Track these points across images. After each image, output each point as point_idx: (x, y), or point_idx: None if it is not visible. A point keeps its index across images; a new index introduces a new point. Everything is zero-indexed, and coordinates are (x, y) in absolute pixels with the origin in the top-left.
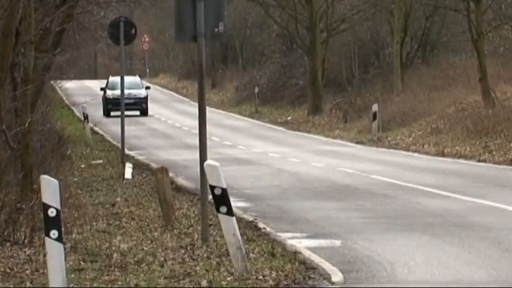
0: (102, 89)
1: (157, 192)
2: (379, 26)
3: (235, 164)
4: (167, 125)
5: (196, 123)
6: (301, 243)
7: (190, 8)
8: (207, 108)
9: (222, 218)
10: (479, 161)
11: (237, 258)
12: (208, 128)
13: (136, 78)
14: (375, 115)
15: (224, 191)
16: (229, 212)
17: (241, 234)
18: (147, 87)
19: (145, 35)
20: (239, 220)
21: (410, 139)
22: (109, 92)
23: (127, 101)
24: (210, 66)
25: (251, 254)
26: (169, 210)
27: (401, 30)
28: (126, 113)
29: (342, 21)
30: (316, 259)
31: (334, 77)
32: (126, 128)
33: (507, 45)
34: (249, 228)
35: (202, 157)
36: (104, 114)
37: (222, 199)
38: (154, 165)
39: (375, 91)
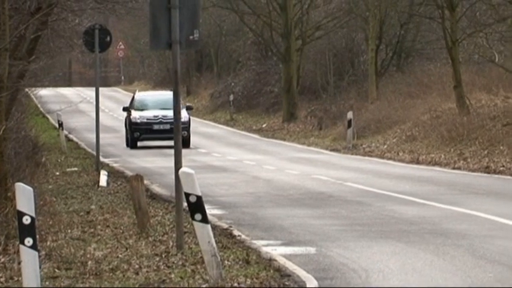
0: (125, 109)
1: (132, 199)
2: (354, 33)
3: (210, 172)
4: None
5: None
6: (276, 251)
7: (165, 16)
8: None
9: (197, 225)
10: (454, 168)
11: (212, 265)
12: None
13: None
14: (349, 122)
15: (199, 198)
16: (204, 220)
17: (216, 242)
18: (189, 108)
19: (120, 43)
20: (214, 227)
21: (385, 146)
22: (136, 114)
23: (160, 126)
24: (185, 73)
25: (226, 262)
26: (144, 218)
27: (376, 37)
28: (159, 143)
29: (317, 29)
30: (291, 266)
31: (309, 84)
32: (101, 135)
33: (481, 53)
34: (223, 235)
35: (177, 164)
36: (127, 144)
37: (197, 206)
38: (129, 173)
39: (349, 98)
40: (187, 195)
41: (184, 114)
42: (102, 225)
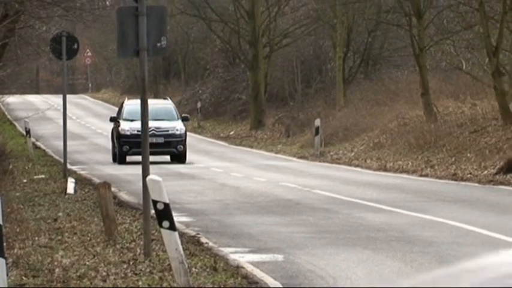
0: (112, 119)
1: (99, 207)
2: (322, 41)
3: (177, 179)
4: (109, 140)
5: None
6: (244, 258)
7: (133, 23)
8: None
9: (165, 232)
10: (421, 175)
11: (179, 272)
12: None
13: (167, 104)
14: (317, 130)
15: (166, 205)
16: (172, 227)
17: (183, 249)
18: (186, 118)
19: (88, 50)
20: (181, 235)
21: (353, 154)
22: (125, 126)
23: (153, 139)
24: (152, 81)
25: (193, 269)
26: (112, 225)
27: (343, 45)
28: (152, 158)
29: (285, 36)
30: (259, 273)
31: (276, 91)
32: (68, 142)
33: (449, 60)
34: (191, 243)
35: (145, 172)
36: (114, 159)
37: (164, 214)
38: (96, 180)
39: (317, 106)
40: (155, 202)
41: (179, 126)
42: (70, 232)
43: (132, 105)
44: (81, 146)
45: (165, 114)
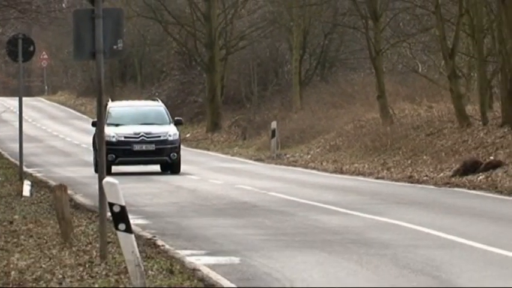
0: (95, 124)
1: (55, 209)
2: (278, 43)
3: (134, 181)
4: (66, 142)
5: None
6: (200, 260)
7: (89, 26)
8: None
9: (121, 235)
10: (377, 178)
11: (135, 275)
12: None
13: (157, 106)
14: (273, 132)
15: (123, 208)
16: (128, 229)
17: (140, 252)
18: (178, 122)
19: (44, 52)
20: (138, 237)
21: (309, 156)
22: (110, 131)
23: (142, 146)
24: (108, 83)
25: (150, 271)
26: (68, 228)
27: (300, 47)
28: (142, 168)
29: (241, 39)
30: (215, 276)
31: (233, 94)
32: (24, 145)
33: (405, 63)
34: (147, 245)
35: (101, 174)
36: (97, 169)
37: (120, 216)
38: (52, 183)
39: (273, 108)
40: (111, 205)
41: (172, 131)
42: (26, 235)
43: (117, 107)
44: (37, 148)
45: (155, 117)
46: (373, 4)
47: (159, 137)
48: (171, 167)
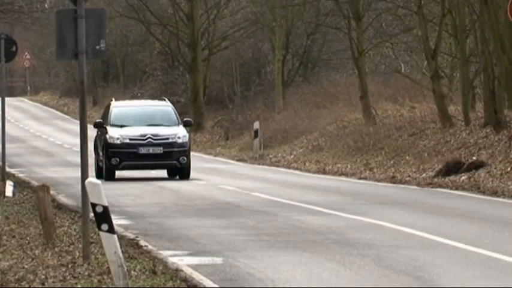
0: (97, 125)
1: (38, 210)
2: (261, 43)
3: (117, 182)
4: (48, 142)
5: (77, 140)
6: (183, 261)
7: (72, 26)
8: (89, 125)
9: (104, 235)
10: (360, 178)
11: (118, 276)
12: (90, 145)
13: (165, 106)
14: (256, 133)
15: (105, 208)
16: (111, 230)
17: (122, 252)
18: (187, 123)
19: (26, 52)
20: (120, 238)
21: (292, 156)
22: (113, 133)
23: (149, 149)
24: (91, 83)
25: (132, 272)
26: (51, 228)
27: (282, 47)
28: (147, 174)
29: (224, 39)
30: (198, 276)
31: (215, 94)
32: (6, 145)
33: (388, 63)
34: (130, 246)
35: (84, 175)
36: (98, 175)
37: (103, 217)
38: (35, 183)
39: (256, 109)
40: (94, 205)
41: (182, 133)
42: (8, 235)
43: (121, 107)
44: (19, 148)
45: (163, 118)
46: (356, 4)
47: (167, 139)
48: (180, 172)
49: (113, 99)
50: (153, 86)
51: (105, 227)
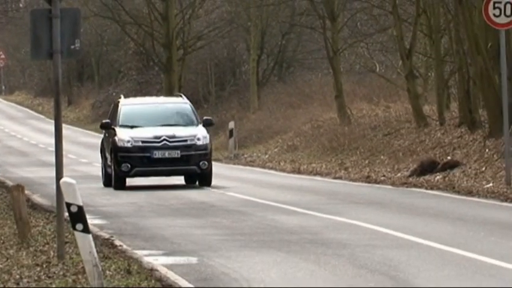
0: (104, 125)
1: (13, 210)
2: (236, 43)
3: (91, 182)
4: (23, 142)
5: (52, 140)
6: (158, 261)
7: (46, 25)
8: (64, 125)
9: (78, 235)
10: (335, 178)
11: (93, 275)
12: (65, 145)
13: (182, 103)
14: (231, 132)
15: (80, 208)
16: (86, 230)
17: (97, 252)
18: (208, 122)
19: (1, 52)
20: (95, 237)
21: (267, 156)
22: (123, 135)
23: (165, 153)
24: (66, 83)
25: (107, 272)
26: (25, 228)
27: (257, 47)
28: (162, 181)
29: (199, 39)
30: (173, 276)
31: (190, 94)
32: None
33: (363, 63)
34: (105, 245)
35: (59, 174)
36: (106, 183)
37: (78, 216)
38: (10, 183)
39: (231, 108)
40: (69, 205)
41: (201, 133)
42: None
43: (131, 105)
44: None
45: (180, 117)
46: (331, 4)
47: (186, 141)
48: (200, 179)
49: (122, 96)
50: (128, 85)
51: (80, 226)
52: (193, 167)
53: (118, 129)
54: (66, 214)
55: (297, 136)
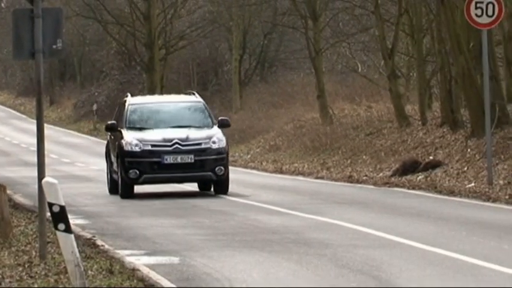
0: (109, 127)
1: None
2: (218, 43)
3: (73, 181)
4: (5, 142)
5: (34, 140)
6: (140, 260)
7: (28, 25)
8: (45, 125)
9: (60, 235)
10: (317, 177)
11: (75, 275)
12: (47, 145)
13: (196, 102)
14: None
15: (62, 208)
16: (68, 230)
17: (79, 252)
18: (224, 123)
19: None
20: (77, 237)
21: (249, 156)
22: (130, 138)
23: (177, 158)
24: (48, 83)
25: (89, 271)
26: (7, 228)
27: (239, 47)
28: (173, 188)
29: (181, 39)
30: (155, 276)
31: (172, 93)
32: None
33: (345, 63)
34: (87, 245)
35: (41, 174)
36: (112, 190)
37: (60, 216)
38: None
39: (213, 108)
40: (51, 205)
41: (217, 136)
42: None
43: (139, 104)
44: None
45: (193, 117)
46: (313, 4)
47: (200, 144)
48: (216, 186)
49: (129, 94)
50: (110, 85)
51: (62, 226)
52: (209, 173)
53: (125, 132)
54: (48, 214)
55: (279, 136)
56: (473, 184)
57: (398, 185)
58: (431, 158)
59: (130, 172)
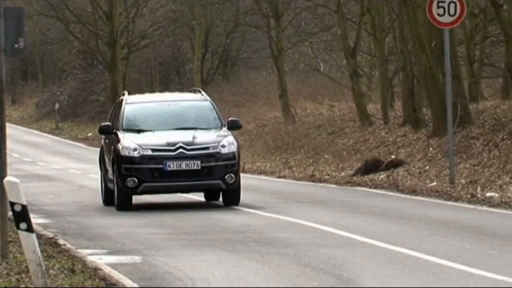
0: (103, 130)
1: None
2: (180, 42)
3: (35, 181)
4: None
5: None
6: (102, 260)
7: None
8: (7, 124)
9: (22, 234)
10: (279, 177)
11: (37, 274)
12: (8, 144)
13: (202, 101)
14: None
15: (24, 207)
16: (29, 229)
17: (41, 251)
18: (234, 124)
19: None
20: (39, 237)
21: None
22: (127, 141)
23: (181, 164)
24: (9, 82)
25: (51, 271)
26: None
27: (202, 46)
28: (177, 197)
29: (143, 38)
30: (117, 275)
31: (135, 93)
32: None
33: (307, 62)
34: (49, 244)
35: (2, 173)
36: (106, 201)
37: (22, 216)
38: None
39: None
40: (12, 204)
41: (227, 139)
42: None
43: (137, 104)
44: None
45: (199, 118)
46: (275, 3)
47: (207, 149)
48: (226, 196)
49: (125, 92)
50: (72, 84)
51: (23, 225)
52: (217, 182)
53: (122, 135)
54: (10, 213)
55: (241, 135)
56: (435, 183)
57: (360, 184)
58: (393, 157)
59: (128, 180)
